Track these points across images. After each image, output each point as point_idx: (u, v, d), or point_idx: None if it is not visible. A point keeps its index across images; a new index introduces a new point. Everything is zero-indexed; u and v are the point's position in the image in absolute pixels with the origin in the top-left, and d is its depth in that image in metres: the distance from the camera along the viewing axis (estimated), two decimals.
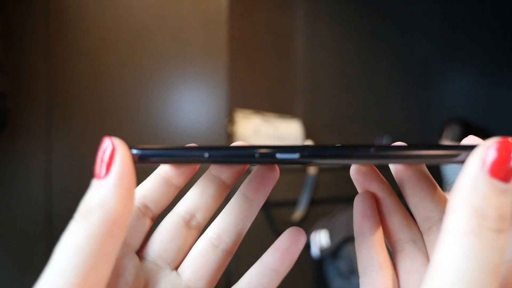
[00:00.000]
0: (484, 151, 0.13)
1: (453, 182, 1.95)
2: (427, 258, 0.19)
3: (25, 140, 1.10)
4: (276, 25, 2.07)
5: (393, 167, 0.22)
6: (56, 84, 1.15)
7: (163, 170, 0.20)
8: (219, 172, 0.20)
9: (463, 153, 0.15)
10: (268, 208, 1.52)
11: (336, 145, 0.16)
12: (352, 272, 1.31)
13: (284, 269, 0.19)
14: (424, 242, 0.20)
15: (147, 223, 0.20)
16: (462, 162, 0.15)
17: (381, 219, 0.21)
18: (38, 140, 1.12)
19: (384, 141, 2.02)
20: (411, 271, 0.19)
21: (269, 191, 0.21)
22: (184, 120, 1.31)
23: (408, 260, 0.19)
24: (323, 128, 2.18)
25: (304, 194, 1.59)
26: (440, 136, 1.83)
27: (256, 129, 1.75)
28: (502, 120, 2.52)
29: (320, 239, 1.47)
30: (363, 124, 2.31)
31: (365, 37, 2.32)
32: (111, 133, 0.89)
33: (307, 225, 1.63)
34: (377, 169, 0.21)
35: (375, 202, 0.21)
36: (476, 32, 2.54)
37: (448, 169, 1.97)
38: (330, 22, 2.22)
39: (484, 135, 1.02)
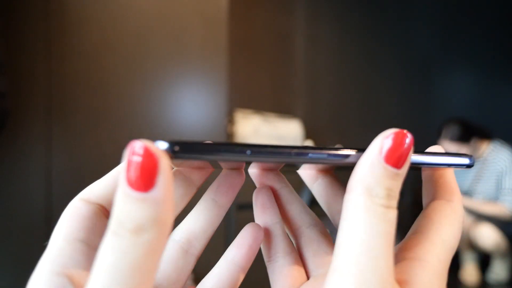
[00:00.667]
0: (382, 140, 0.15)
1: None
2: (330, 240, 0.21)
3: (25, 140, 1.10)
4: (276, 26, 2.07)
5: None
6: (56, 84, 1.14)
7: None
8: (215, 194, 0.21)
9: (352, 155, 0.16)
10: None
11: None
12: None
13: (248, 265, 0.20)
14: (324, 226, 0.22)
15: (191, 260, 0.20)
16: (351, 164, 0.16)
17: (280, 209, 0.22)
18: (38, 140, 1.12)
19: None
20: (318, 253, 0.21)
21: (235, 195, 0.21)
22: (184, 120, 1.32)
23: (314, 242, 0.21)
24: (323, 128, 2.18)
25: (304, 194, 1.59)
26: (439, 135, 1.83)
27: (256, 129, 1.75)
28: (502, 120, 2.52)
29: None
30: (363, 124, 2.32)
31: (365, 37, 2.32)
32: (111, 133, 0.89)
33: None
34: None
35: (273, 194, 0.22)
36: (476, 32, 2.54)
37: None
38: (330, 22, 2.22)
39: (483, 135, 1.03)
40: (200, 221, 0.20)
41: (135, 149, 0.13)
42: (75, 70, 1.16)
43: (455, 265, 1.90)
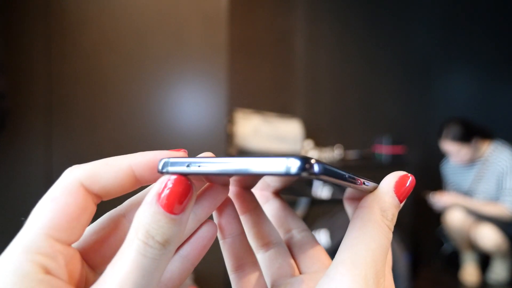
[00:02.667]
0: (396, 177, 0.20)
1: (452, 182, 1.95)
2: (318, 243, 0.24)
3: (25, 140, 1.10)
4: (276, 25, 2.07)
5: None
6: (56, 84, 1.15)
7: None
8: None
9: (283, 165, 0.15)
10: None
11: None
12: None
13: (199, 261, 0.22)
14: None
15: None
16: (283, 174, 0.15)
17: (252, 220, 0.24)
18: (38, 140, 1.12)
19: (384, 140, 2.02)
20: (312, 253, 0.23)
21: (214, 210, 0.22)
22: (184, 119, 1.32)
23: (307, 245, 0.24)
24: (323, 128, 2.18)
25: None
26: (440, 135, 1.83)
27: (256, 129, 1.75)
28: (502, 120, 2.52)
29: (320, 239, 1.47)
30: (363, 123, 2.32)
31: (365, 37, 2.32)
32: (111, 133, 0.89)
33: (307, 224, 1.63)
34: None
35: (234, 205, 0.23)
36: (476, 32, 2.54)
37: (448, 170, 1.98)
38: (330, 22, 2.22)
39: (483, 134, 1.03)
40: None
41: (176, 180, 0.16)
42: (75, 70, 1.16)
43: (455, 265, 1.90)
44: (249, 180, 0.21)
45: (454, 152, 1.77)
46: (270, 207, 0.25)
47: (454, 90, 2.58)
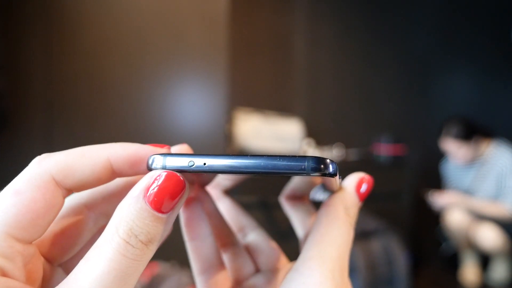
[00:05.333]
0: (358, 178, 0.21)
1: (452, 182, 1.95)
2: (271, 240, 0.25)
3: (25, 140, 1.10)
4: (276, 25, 2.07)
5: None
6: (56, 84, 1.15)
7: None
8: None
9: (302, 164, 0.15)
10: (269, 208, 1.52)
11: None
12: (352, 271, 1.31)
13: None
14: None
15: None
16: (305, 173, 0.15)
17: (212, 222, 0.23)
18: (38, 140, 1.12)
19: (384, 139, 2.02)
20: (268, 250, 0.24)
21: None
22: (184, 119, 1.32)
23: (260, 243, 0.24)
24: (323, 127, 2.18)
25: None
26: (439, 134, 1.83)
27: (256, 128, 1.75)
28: (502, 119, 2.52)
29: None
30: (363, 123, 2.32)
31: (365, 37, 2.32)
32: (111, 133, 0.89)
33: None
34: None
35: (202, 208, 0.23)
36: (476, 32, 2.54)
37: (448, 169, 1.98)
38: (330, 22, 2.22)
39: (483, 133, 1.03)
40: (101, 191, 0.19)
41: (166, 175, 0.14)
42: (75, 70, 1.16)
43: (455, 265, 1.90)
44: (210, 178, 0.21)
45: (454, 150, 1.77)
46: (222, 206, 0.25)
47: (454, 90, 2.58)
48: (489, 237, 1.69)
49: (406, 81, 2.45)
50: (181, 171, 0.15)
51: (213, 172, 0.15)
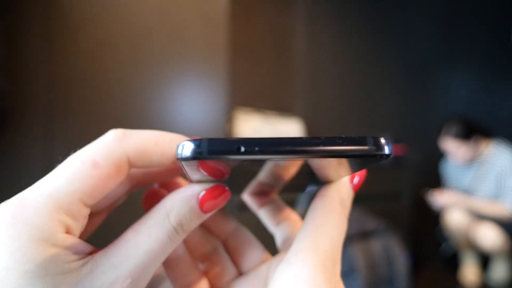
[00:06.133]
0: (353, 176, 0.21)
1: (451, 182, 1.95)
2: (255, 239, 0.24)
3: (25, 140, 1.10)
4: (276, 25, 2.07)
5: None
6: (56, 84, 1.15)
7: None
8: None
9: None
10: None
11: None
12: (352, 271, 1.31)
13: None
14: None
15: None
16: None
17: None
18: (38, 140, 1.12)
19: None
20: (252, 250, 0.24)
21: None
22: (184, 119, 1.32)
23: (245, 242, 0.24)
24: (323, 127, 2.18)
25: (300, 202, 1.59)
26: (439, 134, 1.83)
27: (256, 128, 1.75)
28: (502, 119, 2.52)
29: None
30: (363, 123, 2.32)
31: (365, 36, 2.32)
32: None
33: None
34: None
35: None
36: (476, 31, 2.54)
37: (447, 169, 1.98)
38: (330, 22, 2.22)
39: (483, 133, 1.03)
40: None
41: (215, 187, 0.18)
42: (75, 70, 1.16)
43: (455, 265, 1.90)
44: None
45: (454, 150, 1.77)
46: None
47: (454, 90, 2.58)
48: (489, 237, 1.69)
49: (406, 81, 2.45)
50: (226, 158, 0.13)
51: (266, 158, 0.13)
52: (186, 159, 0.13)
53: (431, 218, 2.05)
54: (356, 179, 0.21)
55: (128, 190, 0.21)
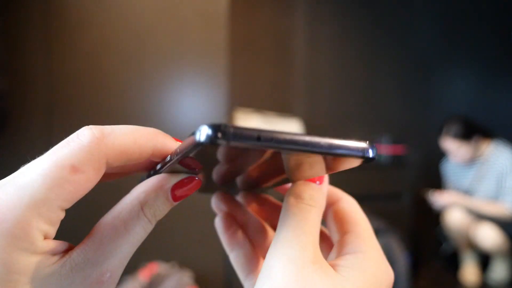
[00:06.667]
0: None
1: (452, 182, 1.95)
2: None
3: (25, 140, 1.10)
4: (276, 25, 2.07)
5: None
6: (56, 84, 1.15)
7: None
8: None
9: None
10: None
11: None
12: None
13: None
14: None
15: None
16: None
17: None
18: (38, 140, 1.12)
19: (384, 140, 2.02)
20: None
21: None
22: (184, 119, 1.32)
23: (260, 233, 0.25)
24: (323, 127, 2.18)
25: None
26: (439, 134, 1.83)
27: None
28: (502, 119, 2.52)
29: None
30: (363, 123, 2.32)
31: (365, 37, 2.32)
32: None
33: None
34: (225, 194, 0.25)
35: (233, 219, 0.25)
36: (477, 31, 2.54)
37: (448, 169, 1.98)
38: (330, 22, 2.22)
39: (483, 133, 1.03)
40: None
41: (196, 180, 0.19)
42: (75, 70, 1.16)
43: (455, 265, 1.90)
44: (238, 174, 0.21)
45: (454, 150, 1.77)
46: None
47: (454, 90, 2.58)
48: (489, 236, 1.69)
49: (406, 81, 2.45)
50: (246, 145, 0.13)
51: (280, 149, 0.14)
52: (213, 143, 0.13)
53: (431, 218, 2.05)
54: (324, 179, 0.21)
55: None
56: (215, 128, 0.13)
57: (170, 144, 0.19)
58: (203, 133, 0.13)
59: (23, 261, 0.15)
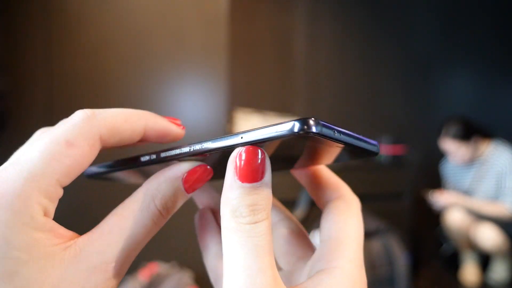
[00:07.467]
0: (234, 161, 0.16)
1: (451, 182, 1.95)
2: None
3: (25, 140, 1.10)
4: (276, 25, 2.07)
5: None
6: (56, 84, 1.15)
7: None
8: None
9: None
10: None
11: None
12: None
13: None
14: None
15: None
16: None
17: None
18: None
19: (384, 140, 2.02)
20: None
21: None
22: (184, 119, 1.31)
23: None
24: None
25: (304, 194, 1.59)
26: (439, 134, 1.83)
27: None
28: (502, 119, 2.52)
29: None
30: (363, 123, 2.32)
31: (365, 37, 2.32)
32: None
33: (307, 224, 1.62)
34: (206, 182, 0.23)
35: (213, 215, 0.23)
36: (477, 32, 2.54)
37: (447, 170, 1.98)
38: (330, 22, 2.22)
39: (483, 133, 1.03)
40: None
41: (203, 167, 0.18)
42: (75, 70, 1.16)
43: (455, 265, 1.90)
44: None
45: (453, 150, 1.77)
46: None
47: (454, 90, 2.58)
48: (489, 237, 1.69)
49: (406, 81, 2.45)
50: (328, 137, 0.15)
51: (345, 143, 0.17)
52: (306, 132, 0.14)
53: (431, 218, 2.05)
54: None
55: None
56: (316, 121, 0.15)
57: (161, 122, 0.19)
58: (302, 124, 0.14)
59: (23, 236, 0.14)
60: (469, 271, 1.81)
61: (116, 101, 1.22)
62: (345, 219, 0.19)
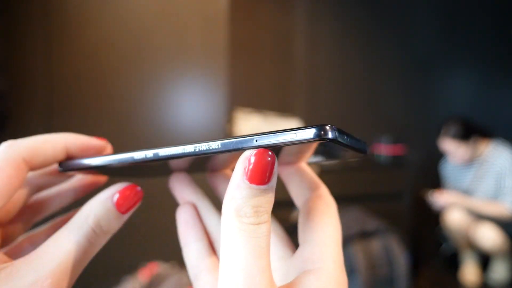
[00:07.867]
0: (244, 161, 0.16)
1: (451, 182, 1.95)
2: None
3: None
4: (276, 25, 2.07)
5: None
6: (56, 84, 1.15)
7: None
8: None
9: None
10: None
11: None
12: (352, 271, 1.31)
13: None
14: None
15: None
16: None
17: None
18: None
19: (384, 139, 2.02)
20: None
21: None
22: (184, 119, 1.32)
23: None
24: None
25: None
26: (438, 135, 1.83)
27: (256, 128, 1.75)
28: (502, 118, 2.52)
29: None
30: (364, 123, 2.32)
31: (365, 37, 2.32)
32: (111, 133, 0.89)
33: None
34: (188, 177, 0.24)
35: (195, 210, 0.23)
36: (477, 32, 2.54)
37: (447, 170, 1.98)
38: (330, 22, 2.22)
39: (482, 133, 1.03)
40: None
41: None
42: (75, 70, 1.16)
43: (455, 265, 1.90)
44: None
45: (453, 150, 1.77)
46: None
47: (454, 90, 2.58)
48: (488, 237, 1.69)
49: (406, 81, 2.45)
50: (340, 143, 0.16)
51: (342, 145, 0.17)
52: (328, 139, 0.15)
53: (431, 218, 2.05)
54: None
55: (29, 194, 0.22)
56: (333, 128, 0.16)
57: (81, 138, 0.22)
58: (320, 131, 0.15)
59: None
60: (469, 271, 1.81)
61: (116, 101, 1.22)
62: (326, 220, 0.19)
